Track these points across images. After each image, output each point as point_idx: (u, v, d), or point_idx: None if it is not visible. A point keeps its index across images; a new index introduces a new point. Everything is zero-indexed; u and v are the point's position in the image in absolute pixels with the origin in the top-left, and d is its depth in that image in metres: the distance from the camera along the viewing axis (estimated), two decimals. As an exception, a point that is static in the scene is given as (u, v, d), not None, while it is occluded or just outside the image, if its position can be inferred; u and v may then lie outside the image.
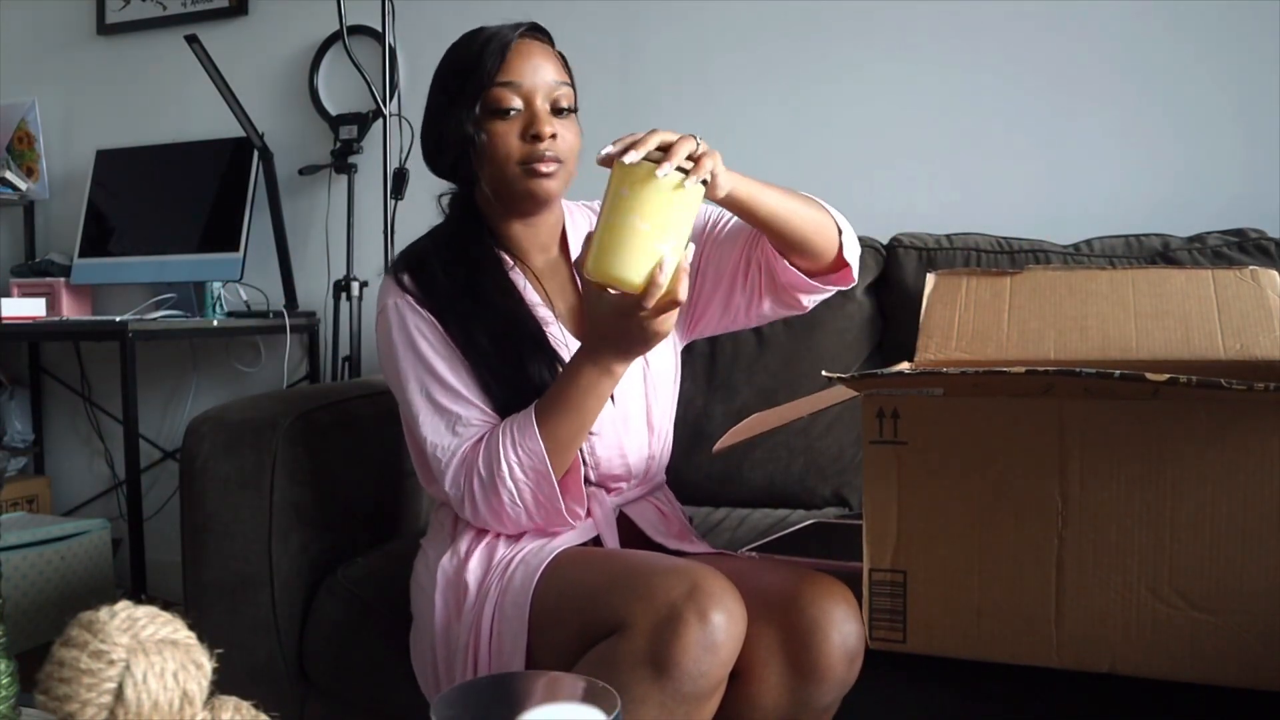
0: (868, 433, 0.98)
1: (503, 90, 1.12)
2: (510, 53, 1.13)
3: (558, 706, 0.59)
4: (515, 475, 1.06)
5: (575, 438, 1.07)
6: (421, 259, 1.19)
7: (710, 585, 0.92)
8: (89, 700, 0.53)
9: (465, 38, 1.18)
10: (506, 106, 1.13)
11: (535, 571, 1.04)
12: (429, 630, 1.11)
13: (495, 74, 1.12)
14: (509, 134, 1.13)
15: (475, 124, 1.13)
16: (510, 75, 1.13)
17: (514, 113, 1.13)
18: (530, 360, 1.13)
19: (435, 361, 1.12)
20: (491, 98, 1.13)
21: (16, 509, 2.57)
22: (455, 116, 1.14)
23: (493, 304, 1.15)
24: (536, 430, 1.05)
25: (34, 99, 2.72)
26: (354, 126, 2.36)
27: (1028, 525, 0.94)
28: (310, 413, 1.44)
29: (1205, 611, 0.90)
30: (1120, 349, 1.13)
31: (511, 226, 1.22)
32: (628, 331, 0.98)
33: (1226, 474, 0.88)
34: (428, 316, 1.14)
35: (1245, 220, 1.68)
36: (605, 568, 1.02)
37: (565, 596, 1.01)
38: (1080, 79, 1.88)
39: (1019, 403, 0.93)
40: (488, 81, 1.12)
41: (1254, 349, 1.08)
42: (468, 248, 1.20)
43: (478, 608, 1.06)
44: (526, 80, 1.13)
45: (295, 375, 2.46)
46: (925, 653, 0.99)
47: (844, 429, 1.69)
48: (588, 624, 0.97)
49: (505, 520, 1.09)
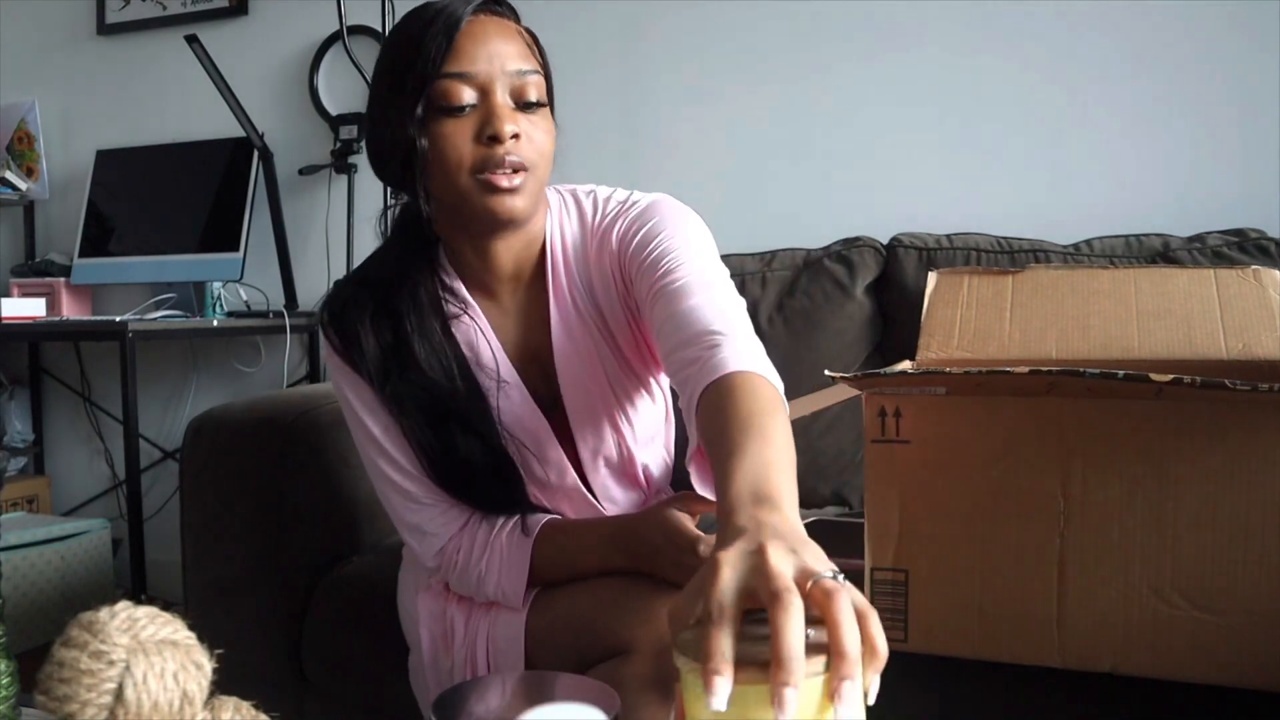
0: (869, 432, 0.98)
1: (452, 82, 0.91)
2: (460, 35, 0.91)
3: (558, 706, 0.58)
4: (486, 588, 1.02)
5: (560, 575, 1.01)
6: (344, 309, 1.02)
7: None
8: (89, 700, 0.53)
9: (408, 17, 0.95)
10: (458, 103, 0.92)
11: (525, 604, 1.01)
12: (419, 656, 1.09)
13: (442, 62, 0.91)
14: (460, 135, 0.92)
15: (419, 125, 0.92)
16: (461, 64, 0.91)
17: (468, 109, 0.92)
18: (468, 428, 1.00)
19: (374, 430, 1.01)
20: (438, 92, 0.91)
21: (16, 509, 2.57)
22: (396, 115, 0.93)
23: (420, 376, 0.99)
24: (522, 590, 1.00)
25: (34, 99, 2.72)
26: (354, 126, 2.36)
27: (1030, 524, 0.93)
28: (310, 412, 1.43)
29: (1207, 611, 0.89)
30: (1122, 348, 1.12)
31: (468, 251, 1.02)
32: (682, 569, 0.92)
33: (1229, 474, 0.88)
34: (358, 380, 1.01)
35: (1245, 220, 1.68)
36: (602, 590, 0.98)
37: (561, 621, 0.98)
38: (1080, 79, 1.88)
39: (1021, 402, 0.93)
40: (433, 71, 0.91)
41: (1256, 348, 1.08)
42: (404, 289, 1.00)
43: (469, 643, 1.03)
44: (481, 68, 0.92)
45: (295, 375, 2.45)
46: (926, 652, 0.99)
47: (844, 429, 1.69)
48: (585, 648, 0.95)
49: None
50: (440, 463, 1.00)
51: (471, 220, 0.97)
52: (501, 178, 0.92)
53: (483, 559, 1.01)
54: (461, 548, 1.03)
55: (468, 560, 1.02)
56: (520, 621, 1.00)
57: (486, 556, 1.01)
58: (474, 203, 0.94)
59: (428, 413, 0.99)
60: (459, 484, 1.02)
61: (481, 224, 0.97)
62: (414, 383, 0.98)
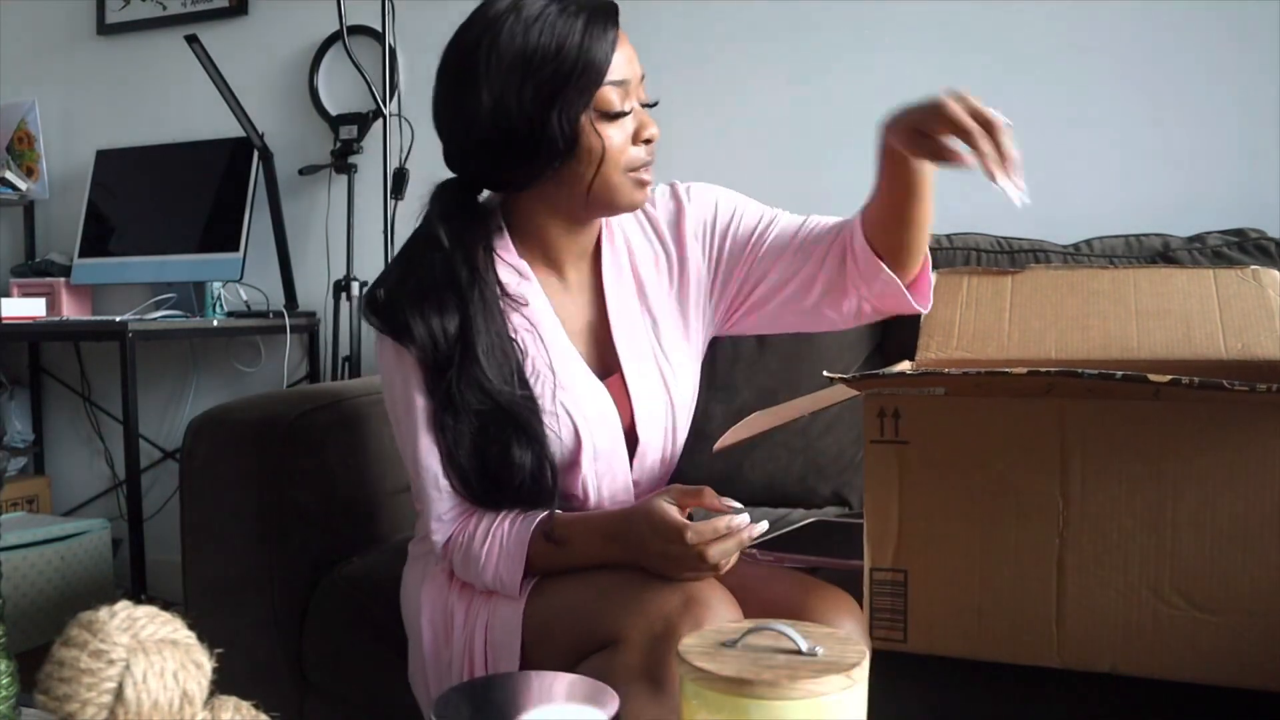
0: (869, 432, 0.98)
1: (615, 90, 1.00)
2: (617, 47, 1.00)
3: (558, 706, 0.59)
4: (484, 578, 1.04)
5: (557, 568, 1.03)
6: (395, 293, 1.04)
7: (705, 597, 0.91)
8: (89, 700, 0.53)
9: (544, 19, 0.99)
10: (619, 109, 1.00)
11: (524, 593, 1.02)
12: (419, 650, 1.10)
13: (607, 71, 0.99)
14: (621, 136, 1.01)
15: (588, 123, 0.99)
16: (621, 72, 1.00)
17: (625, 115, 1.01)
18: (514, 452, 1.02)
19: (420, 412, 1.04)
20: (603, 98, 0.99)
21: (16, 509, 2.57)
22: (555, 111, 0.98)
23: (481, 374, 1.01)
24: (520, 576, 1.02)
25: (34, 99, 2.72)
26: (354, 126, 2.36)
27: (1029, 525, 0.93)
28: (310, 413, 1.43)
29: (1206, 611, 0.90)
30: (1121, 348, 1.12)
31: (554, 231, 1.09)
32: (669, 559, 0.94)
33: (1228, 474, 0.88)
34: (410, 360, 1.03)
35: (1245, 220, 1.67)
36: (594, 581, 0.99)
37: (556, 612, 0.99)
38: (1080, 79, 1.88)
39: (1020, 402, 0.93)
40: (598, 79, 0.98)
41: (1255, 348, 1.08)
42: (465, 275, 1.04)
43: (468, 633, 1.04)
44: (633, 78, 1.02)
45: (295, 375, 2.45)
46: (926, 652, 0.99)
47: (844, 429, 1.69)
48: (580, 639, 0.96)
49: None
50: (480, 466, 1.03)
51: (605, 208, 1.07)
52: (648, 174, 1.05)
53: (484, 546, 1.03)
54: (466, 531, 1.05)
55: (469, 545, 1.04)
56: (518, 612, 1.01)
57: (488, 544, 1.03)
58: (624, 196, 1.04)
59: (482, 417, 1.02)
60: (491, 487, 1.04)
61: (612, 211, 1.08)
62: (475, 383, 1.01)
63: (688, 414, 1.20)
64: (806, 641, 0.59)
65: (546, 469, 1.04)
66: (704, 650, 0.60)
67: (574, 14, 0.99)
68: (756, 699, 0.55)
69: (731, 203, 1.17)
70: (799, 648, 0.59)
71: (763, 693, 0.55)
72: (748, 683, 0.55)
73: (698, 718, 0.58)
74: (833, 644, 0.60)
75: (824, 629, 0.64)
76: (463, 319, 1.02)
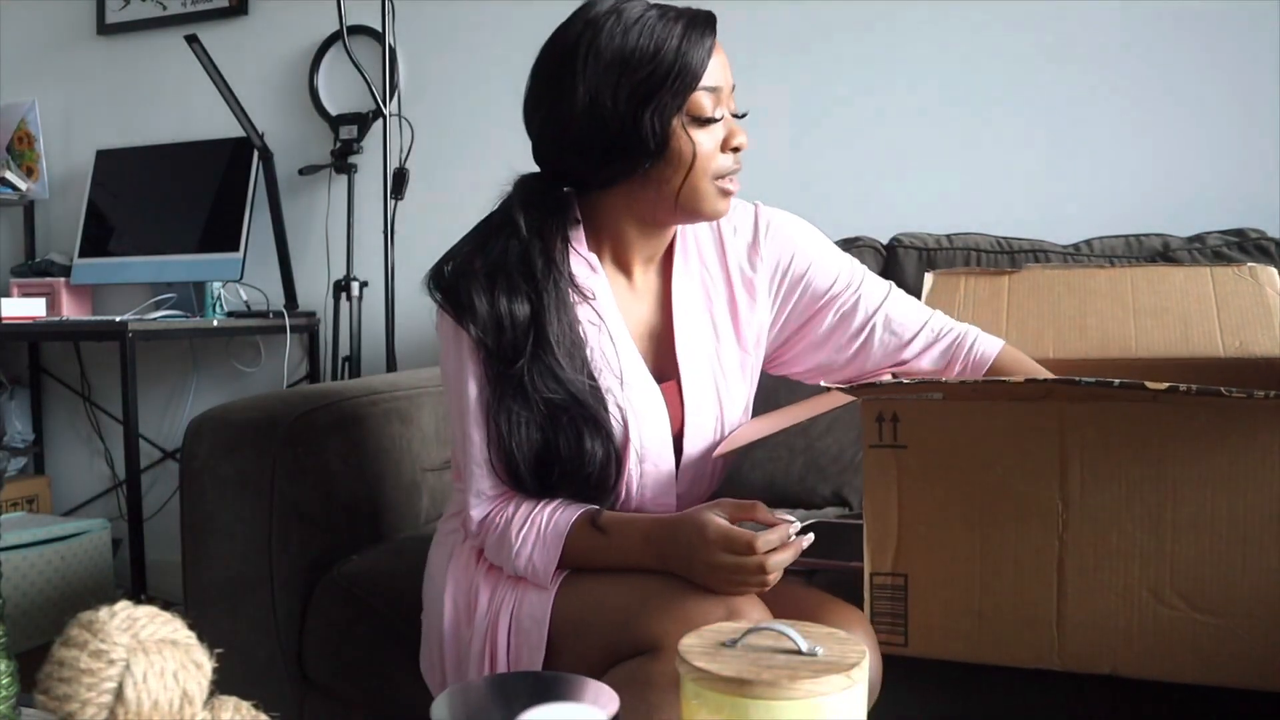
0: (868, 436, 0.98)
1: (708, 95, 1.02)
2: (712, 54, 1.02)
3: (558, 706, 0.59)
4: (518, 563, 1.03)
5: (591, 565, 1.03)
6: (463, 276, 1.04)
7: (747, 611, 0.91)
8: (89, 700, 0.53)
9: (644, 22, 1.01)
10: (711, 115, 1.02)
11: (554, 584, 1.02)
12: (438, 625, 1.09)
13: (702, 75, 1.01)
14: (711, 143, 1.03)
15: (679, 126, 1.01)
16: (714, 79, 1.02)
17: (716, 121, 1.03)
18: (585, 431, 1.03)
19: (473, 399, 1.05)
20: (695, 103, 1.01)
21: (16, 509, 2.58)
22: (649, 111, 1.00)
23: (555, 362, 1.02)
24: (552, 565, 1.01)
25: (34, 99, 2.72)
26: (354, 126, 2.36)
27: (1028, 528, 0.93)
28: (310, 413, 1.43)
29: (1206, 613, 0.90)
30: (1119, 347, 1.12)
31: (631, 232, 1.10)
32: (720, 569, 0.93)
33: (1227, 476, 0.88)
34: (473, 346, 1.04)
35: (1245, 220, 1.68)
36: (635, 583, 0.98)
37: (591, 610, 0.98)
38: (1080, 79, 1.88)
39: (1019, 406, 0.93)
40: (693, 84, 1.00)
41: (1253, 346, 1.08)
42: (540, 264, 1.05)
43: (491, 616, 1.03)
44: (725, 86, 1.04)
45: (295, 375, 2.46)
46: (926, 655, 0.99)
47: (844, 429, 1.69)
48: (615, 639, 0.94)
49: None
50: (539, 455, 1.03)
51: (690, 214, 1.07)
52: (734, 184, 1.06)
53: (520, 531, 1.02)
54: (505, 514, 1.04)
55: (507, 528, 1.03)
56: (547, 603, 1.00)
57: (525, 528, 1.02)
58: (709, 203, 1.05)
59: (552, 406, 1.02)
60: (546, 475, 1.04)
61: (695, 217, 1.08)
62: (549, 371, 1.02)
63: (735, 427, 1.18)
64: (806, 641, 0.59)
65: (612, 460, 1.05)
66: (704, 650, 0.60)
67: (674, 19, 1.01)
68: (756, 699, 0.55)
69: (810, 253, 1.17)
70: (799, 648, 0.59)
71: (763, 693, 0.55)
72: (748, 683, 0.55)
73: (698, 718, 0.58)
74: (833, 644, 0.60)
75: (824, 629, 0.64)
76: (536, 308, 1.03)
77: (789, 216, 1.19)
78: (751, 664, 0.57)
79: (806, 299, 1.17)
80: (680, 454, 1.12)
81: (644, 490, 1.10)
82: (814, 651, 0.59)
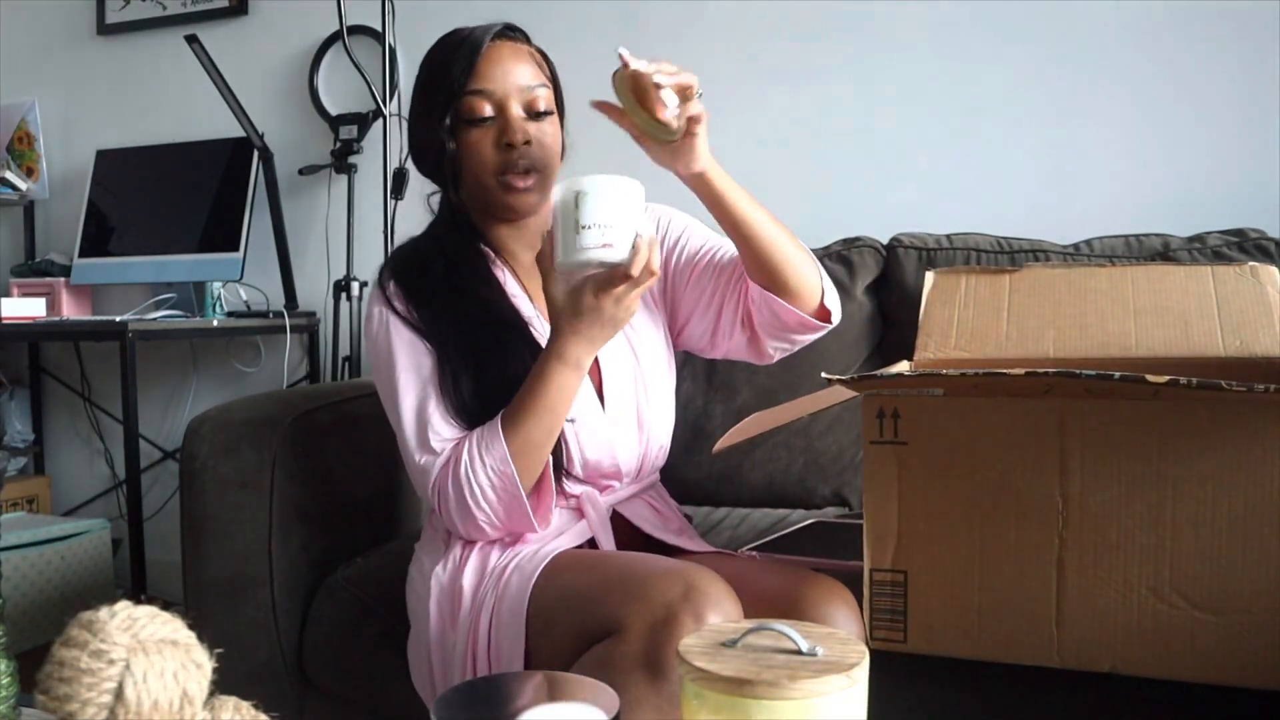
0: (868, 433, 0.98)
1: (474, 98, 1.11)
2: (480, 58, 1.11)
3: (558, 706, 0.59)
4: (487, 497, 1.05)
5: (547, 439, 1.06)
6: (404, 258, 1.20)
7: (706, 586, 0.92)
8: (89, 700, 0.53)
9: (439, 43, 1.16)
10: (479, 116, 1.12)
11: (530, 577, 1.03)
12: (425, 638, 1.11)
13: (466, 82, 1.11)
14: (483, 142, 1.12)
15: (449, 133, 1.12)
16: (481, 82, 1.11)
17: (488, 121, 1.12)
18: (510, 348, 1.12)
19: (406, 367, 1.12)
20: (464, 107, 1.12)
21: (16, 509, 2.58)
22: (430, 124, 1.13)
23: (472, 294, 1.14)
24: (505, 447, 1.04)
25: (34, 99, 2.72)
26: (354, 126, 2.36)
27: (1028, 525, 0.93)
28: (310, 413, 1.44)
29: (1206, 611, 0.90)
30: (1120, 346, 1.12)
31: (496, 228, 1.21)
32: (599, 314, 0.98)
33: (1227, 473, 0.88)
34: (408, 317, 1.13)
35: (1245, 220, 1.68)
36: (601, 570, 1.01)
37: (562, 600, 1.00)
38: (1081, 79, 1.88)
39: (1019, 403, 0.93)
40: (458, 90, 1.11)
41: (1254, 346, 1.08)
42: (451, 245, 1.19)
43: (473, 615, 1.05)
44: (498, 86, 1.12)
45: (295, 375, 2.46)
46: (926, 653, 0.99)
47: (844, 429, 1.69)
48: (584, 627, 0.97)
49: (481, 534, 1.09)
50: (485, 373, 1.10)
51: (496, 211, 1.18)
52: (517, 179, 1.13)
53: (463, 460, 1.05)
54: (449, 472, 1.07)
55: (456, 473, 1.06)
56: (523, 599, 1.02)
57: (467, 452, 1.05)
58: (497, 199, 1.15)
59: (476, 329, 1.12)
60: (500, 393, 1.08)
61: (504, 215, 1.18)
62: (469, 298, 1.14)
63: (660, 379, 1.23)
64: (806, 641, 0.60)
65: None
66: (704, 650, 0.60)
67: (464, 36, 1.14)
68: (756, 699, 0.55)
69: (682, 221, 1.26)
70: (799, 648, 0.59)
71: (763, 693, 0.55)
72: (748, 683, 0.55)
73: (698, 718, 0.58)
74: (833, 644, 0.61)
75: (824, 629, 0.64)
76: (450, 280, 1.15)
77: (662, 205, 1.28)
78: (751, 664, 0.57)
79: (684, 259, 1.23)
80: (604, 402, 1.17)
81: (582, 451, 1.14)
82: (814, 651, 0.59)
